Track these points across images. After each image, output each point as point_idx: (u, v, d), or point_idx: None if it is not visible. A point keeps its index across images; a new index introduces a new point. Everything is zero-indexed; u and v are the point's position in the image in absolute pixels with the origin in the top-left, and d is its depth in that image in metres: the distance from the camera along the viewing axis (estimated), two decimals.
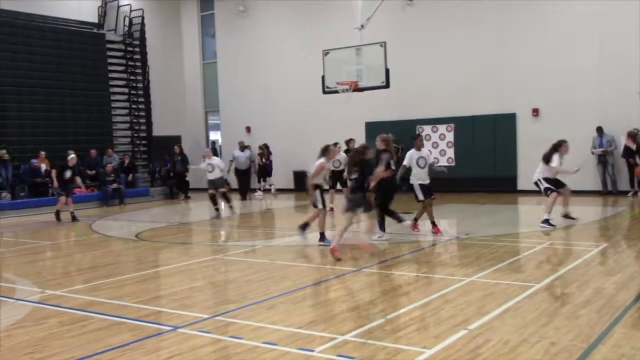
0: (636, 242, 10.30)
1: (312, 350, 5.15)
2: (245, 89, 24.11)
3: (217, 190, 15.46)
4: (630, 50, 16.88)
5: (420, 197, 11.25)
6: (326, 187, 12.24)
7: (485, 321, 5.78)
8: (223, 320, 6.16)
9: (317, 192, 10.63)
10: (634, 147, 11.61)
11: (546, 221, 11.46)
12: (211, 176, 15.43)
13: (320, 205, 10.62)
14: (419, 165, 11.22)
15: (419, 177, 11.24)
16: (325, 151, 10.74)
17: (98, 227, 14.68)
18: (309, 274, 8.30)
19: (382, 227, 10.74)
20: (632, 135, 10.92)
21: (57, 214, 15.66)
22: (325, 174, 10.94)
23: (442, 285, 7.34)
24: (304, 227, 10.89)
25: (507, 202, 16.85)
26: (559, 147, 11.78)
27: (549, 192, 11.73)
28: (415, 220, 11.53)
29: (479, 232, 11.50)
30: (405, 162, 11.34)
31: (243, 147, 21.03)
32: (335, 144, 14.98)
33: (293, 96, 22.73)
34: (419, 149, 11.45)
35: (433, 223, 11.30)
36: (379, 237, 10.66)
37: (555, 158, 11.69)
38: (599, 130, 17.15)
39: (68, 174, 15.63)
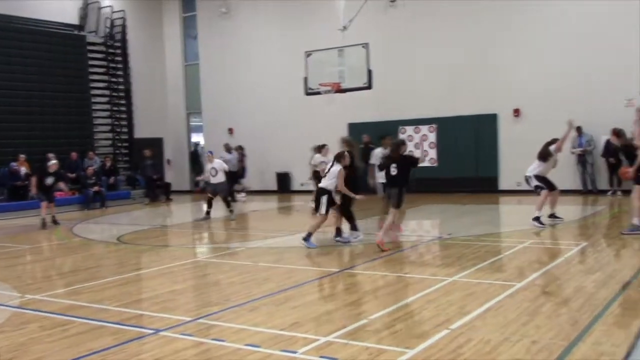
0: (615, 241, 10.41)
1: (295, 352, 5.15)
2: (228, 90, 24.04)
3: (216, 194, 15.06)
4: (609, 50, 17.08)
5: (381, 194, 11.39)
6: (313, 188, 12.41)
7: (467, 321, 5.82)
8: (205, 323, 6.14)
9: (324, 198, 10.36)
10: (618, 143, 11.74)
11: (537, 219, 11.57)
12: (214, 180, 14.99)
13: (323, 211, 10.40)
14: None
15: (381, 177, 11.21)
16: (340, 157, 10.55)
17: (79, 230, 14.55)
18: (291, 276, 8.29)
19: (355, 227, 10.82)
20: (616, 133, 11.08)
21: (43, 221, 15.08)
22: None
23: (424, 285, 7.37)
24: (308, 237, 10.51)
25: (488, 202, 16.98)
26: (552, 143, 12.18)
27: (539, 189, 11.86)
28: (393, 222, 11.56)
29: (461, 232, 11.57)
30: (372, 161, 11.45)
31: (230, 149, 20.85)
32: (324, 146, 14.99)
33: (276, 98, 22.71)
34: (385, 148, 11.55)
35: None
36: (355, 237, 10.70)
37: (551, 148, 12.16)
38: (579, 129, 17.33)
39: (49, 180, 15.23)
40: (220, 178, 14.99)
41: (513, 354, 4.91)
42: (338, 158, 10.57)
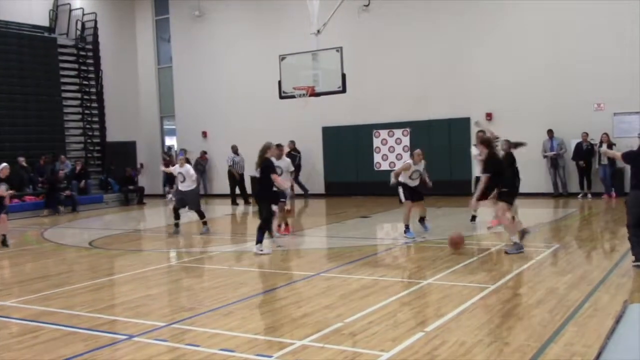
0: (586, 243, 10.58)
1: (270, 357, 5.13)
2: (202, 93, 23.90)
3: (184, 204, 13.37)
4: (579, 56, 17.37)
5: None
6: None
7: (441, 323, 5.85)
8: (179, 328, 6.09)
9: (400, 189, 11.32)
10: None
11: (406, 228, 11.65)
12: (182, 187, 13.25)
13: (403, 199, 11.31)
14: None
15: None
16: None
17: (50, 235, 14.33)
18: (266, 280, 8.26)
19: (263, 238, 10.35)
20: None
21: (4, 238, 12.63)
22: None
23: (400, 288, 7.40)
24: (406, 229, 11.27)
25: (462, 205, 17.08)
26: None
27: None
28: (279, 225, 11.84)
29: (435, 235, 11.63)
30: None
31: (237, 151, 20.55)
32: (278, 145, 13.92)
33: (250, 101, 22.64)
34: (278, 158, 11.60)
35: (285, 224, 12.09)
36: (261, 250, 10.08)
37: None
38: (550, 132, 17.60)
39: (2, 187, 12.68)
40: (189, 185, 13.10)
41: (487, 356, 4.95)
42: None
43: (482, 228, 12.27)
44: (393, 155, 20.18)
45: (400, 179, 11.53)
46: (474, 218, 12.91)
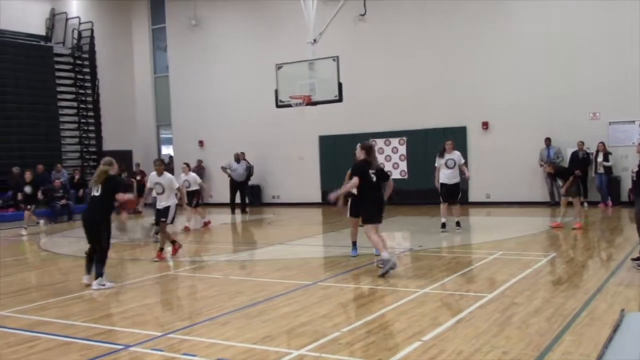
0: (583, 252, 10.60)
1: None
2: (198, 102, 23.93)
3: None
4: (575, 65, 17.47)
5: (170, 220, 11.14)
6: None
7: (439, 332, 5.84)
8: (176, 338, 6.06)
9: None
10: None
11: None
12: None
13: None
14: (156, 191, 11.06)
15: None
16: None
17: (46, 244, 14.27)
18: (263, 289, 8.23)
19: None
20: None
21: None
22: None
23: (397, 297, 7.39)
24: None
25: (460, 213, 17.09)
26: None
27: None
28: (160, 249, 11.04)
29: (432, 244, 11.64)
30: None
31: (239, 159, 20.56)
32: (186, 164, 15.45)
33: (246, 110, 22.67)
34: (159, 174, 11.05)
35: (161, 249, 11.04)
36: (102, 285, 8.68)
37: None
38: (547, 141, 17.64)
39: None
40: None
41: None
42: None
43: (489, 236, 12.26)
44: (390, 164, 20.21)
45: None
46: (444, 225, 13.18)
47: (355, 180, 8.93)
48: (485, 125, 18.91)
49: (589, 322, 6.03)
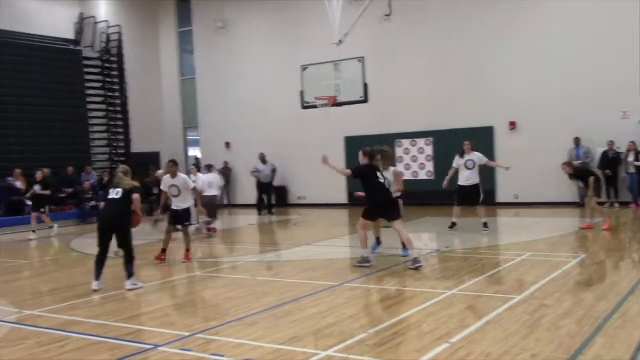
0: (614, 253, 10.43)
1: None
2: (224, 104, 24.09)
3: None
4: (605, 63, 17.20)
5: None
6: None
7: (466, 334, 5.80)
8: (204, 338, 6.11)
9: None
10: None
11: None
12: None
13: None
14: None
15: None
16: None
17: (76, 245, 14.49)
18: (290, 290, 8.25)
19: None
20: None
21: None
22: None
23: (424, 299, 7.35)
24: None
25: (486, 214, 16.95)
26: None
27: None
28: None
29: (459, 245, 11.56)
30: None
31: (265, 160, 20.71)
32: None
33: (272, 111, 22.76)
34: (173, 176, 11.01)
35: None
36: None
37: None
38: (576, 141, 17.40)
39: None
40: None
41: None
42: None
43: (518, 237, 12.15)
44: (416, 164, 20.13)
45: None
46: (453, 225, 13.33)
47: (348, 171, 10.23)
48: (512, 125, 18.72)
49: (621, 324, 5.94)
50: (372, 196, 9.58)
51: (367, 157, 9.75)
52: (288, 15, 22.46)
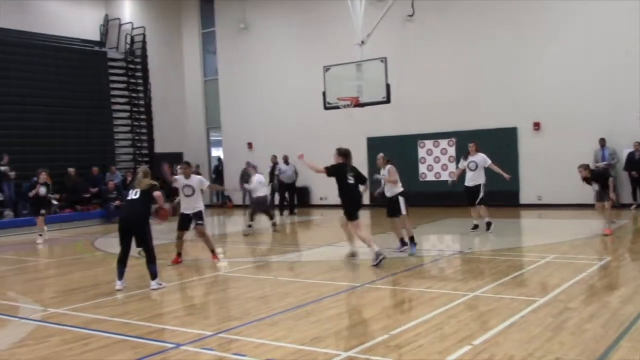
0: (639, 255, 10.27)
1: None
2: (247, 105, 24.18)
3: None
4: (630, 64, 16.92)
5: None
6: None
7: (489, 336, 5.75)
8: (226, 337, 6.13)
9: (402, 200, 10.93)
10: None
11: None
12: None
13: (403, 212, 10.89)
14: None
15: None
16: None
17: (100, 244, 14.65)
18: (311, 290, 8.26)
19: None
20: None
21: None
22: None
23: (446, 300, 7.30)
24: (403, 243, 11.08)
25: (509, 216, 16.81)
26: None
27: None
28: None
29: (481, 247, 11.47)
30: None
31: (287, 161, 20.78)
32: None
33: (294, 112, 22.80)
34: (186, 177, 10.80)
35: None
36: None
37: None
38: (602, 141, 17.16)
39: None
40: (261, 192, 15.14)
41: None
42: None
43: (541, 238, 12.02)
44: (438, 165, 20.01)
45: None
46: (475, 227, 13.42)
47: (321, 168, 9.96)
48: (536, 125, 18.52)
49: None
50: (343, 196, 10.05)
51: (341, 157, 10.04)
52: (310, 16, 22.49)
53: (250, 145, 24.30)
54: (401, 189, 10.99)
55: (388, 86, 15.32)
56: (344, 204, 10.13)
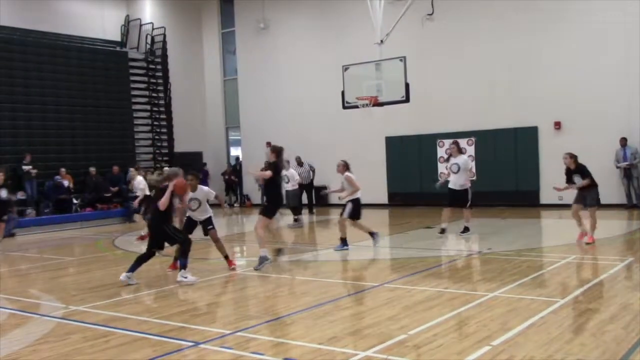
0: None
1: None
2: (266, 104, 24.25)
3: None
4: None
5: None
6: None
7: (509, 337, 5.71)
8: (244, 336, 6.16)
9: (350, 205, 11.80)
10: None
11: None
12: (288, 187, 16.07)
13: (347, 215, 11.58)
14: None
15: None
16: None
17: (121, 243, 14.79)
18: (329, 289, 8.26)
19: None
20: None
21: None
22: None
23: (465, 301, 7.27)
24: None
25: (529, 216, 16.69)
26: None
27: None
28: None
29: (501, 247, 11.39)
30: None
31: (301, 162, 20.83)
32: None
33: (313, 111, 22.81)
34: (193, 189, 10.38)
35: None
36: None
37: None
38: (623, 141, 16.95)
39: (3, 193, 13.38)
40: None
41: None
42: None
43: (562, 239, 11.91)
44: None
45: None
46: (443, 231, 12.94)
47: (269, 173, 9.97)
48: (557, 125, 18.34)
49: None
50: (275, 194, 10.22)
51: (274, 154, 10.09)
52: (329, 15, 22.49)
53: (269, 144, 24.33)
54: (357, 196, 11.72)
55: (407, 85, 15.27)
56: (271, 200, 10.30)
